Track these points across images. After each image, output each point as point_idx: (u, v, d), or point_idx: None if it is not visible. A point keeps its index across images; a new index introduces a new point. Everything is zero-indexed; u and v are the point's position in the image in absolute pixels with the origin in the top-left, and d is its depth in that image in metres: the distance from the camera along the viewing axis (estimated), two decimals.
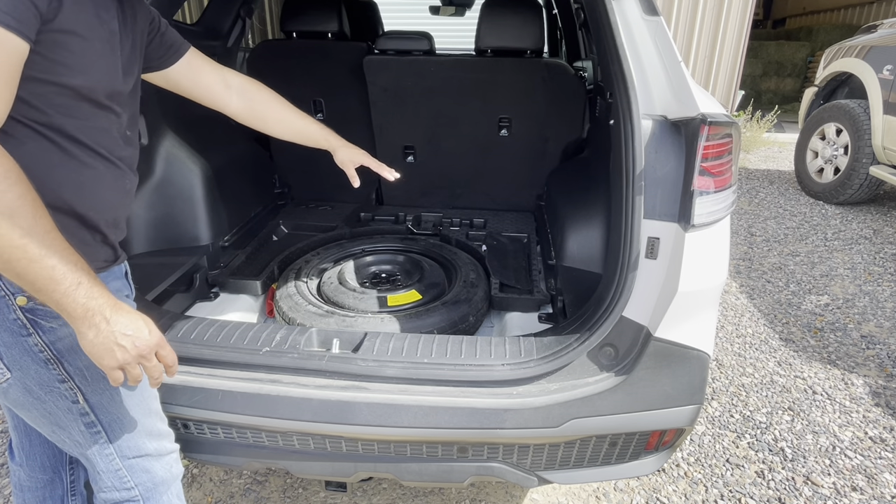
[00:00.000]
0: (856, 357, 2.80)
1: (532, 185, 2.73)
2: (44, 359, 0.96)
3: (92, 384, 1.02)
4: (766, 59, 10.79)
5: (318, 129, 1.54)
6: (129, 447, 1.11)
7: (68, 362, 0.98)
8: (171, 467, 1.21)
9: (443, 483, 1.47)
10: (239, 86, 1.38)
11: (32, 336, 0.94)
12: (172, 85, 1.30)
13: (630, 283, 1.30)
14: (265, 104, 1.43)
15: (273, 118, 1.45)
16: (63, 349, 0.97)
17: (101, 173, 0.99)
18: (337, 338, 1.44)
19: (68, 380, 0.99)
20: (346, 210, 2.74)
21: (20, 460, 1.30)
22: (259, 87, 1.42)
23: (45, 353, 0.95)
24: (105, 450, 1.09)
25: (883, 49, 4.56)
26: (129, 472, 1.13)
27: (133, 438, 1.12)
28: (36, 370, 0.96)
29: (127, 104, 1.04)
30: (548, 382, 1.32)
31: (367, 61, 2.48)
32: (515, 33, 2.36)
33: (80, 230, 0.97)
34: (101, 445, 1.09)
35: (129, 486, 1.14)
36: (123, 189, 1.06)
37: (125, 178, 1.06)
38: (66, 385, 1.00)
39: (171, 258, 1.90)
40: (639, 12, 1.35)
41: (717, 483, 2.03)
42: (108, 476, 1.12)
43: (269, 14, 5.62)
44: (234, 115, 1.40)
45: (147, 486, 1.16)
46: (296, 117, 1.48)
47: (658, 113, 1.30)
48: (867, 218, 4.75)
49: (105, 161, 0.99)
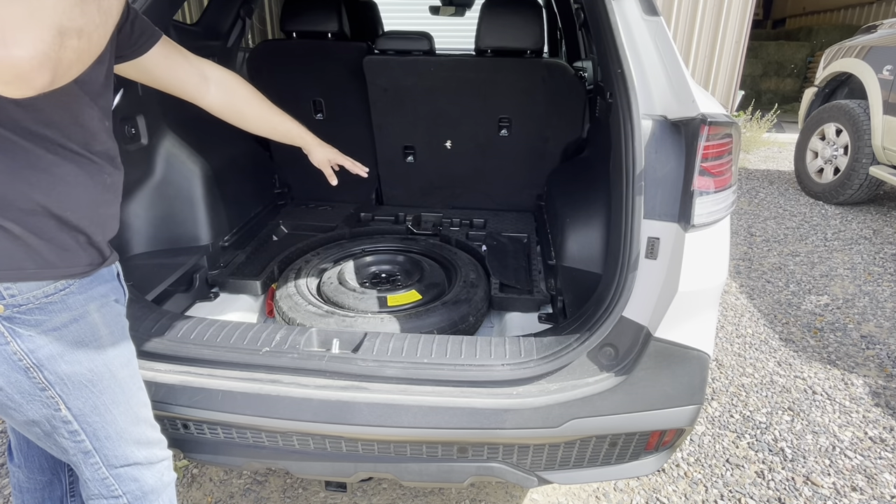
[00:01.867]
0: (856, 357, 2.80)
1: (532, 185, 2.73)
2: (23, 367, 0.93)
3: (74, 392, 0.99)
4: (766, 59, 10.79)
5: (295, 126, 1.53)
6: (115, 456, 1.09)
7: (48, 370, 0.95)
8: (162, 475, 1.18)
9: (443, 483, 1.47)
10: (218, 78, 1.34)
11: (11, 344, 0.91)
12: (146, 75, 1.24)
13: (630, 284, 1.30)
14: (244, 99, 1.40)
15: (251, 114, 1.42)
16: (43, 357, 0.94)
17: (74, 170, 0.92)
18: (337, 338, 1.44)
19: (48, 388, 0.97)
20: (346, 210, 2.74)
21: (19, 462, 1.29)
22: (239, 82, 1.39)
23: (24, 361, 0.93)
24: (90, 458, 1.07)
25: (883, 49, 4.56)
26: (116, 481, 1.11)
27: (120, 447, 1.09)
28: (16, 378, 0.94)
29: (100, 94, 0.97)
30: (548, 382, 1.32)
31: (367, 61, 2.48)
32: (515, 33, 2.36)
33: (59, 233, 0.92)
34: (85, 454, 1.06)
35: (116, 495, 1.12)
36: (103, 184, 0.99)
37: (103, 172, 0.99)
38: (47, 393, 0.97)
39: (171, 258, 1.90)
40: (639, 12, 1.35)
41: (716, 483, 2.03)
42: (94, 484, 1.10)
43: (269, 14, 5.62)
44: (210, 107, 1.36)
45: (136, 494, 1.13)
46: (273, 114, 1.46)
47: (658, 113, 1.30)
48: (867, 218, 4.75)
49: (78, 156, 0.93)
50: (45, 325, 0.92)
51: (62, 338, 0.95)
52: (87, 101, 0.92)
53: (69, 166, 0.92)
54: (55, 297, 0.92)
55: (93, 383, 1.00)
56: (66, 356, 0.96)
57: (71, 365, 0.96)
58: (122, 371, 1.06)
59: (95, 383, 1.01)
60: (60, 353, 0.95)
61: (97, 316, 1.00)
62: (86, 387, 0.99)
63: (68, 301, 0.94)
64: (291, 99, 2.66)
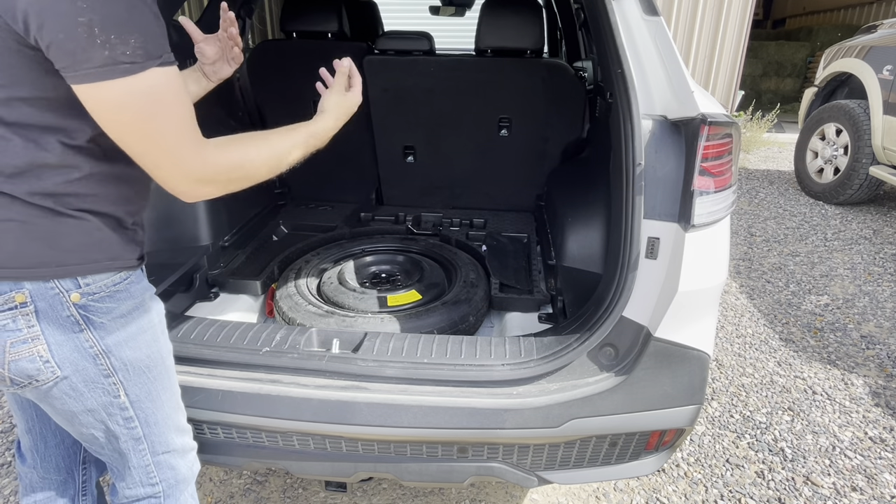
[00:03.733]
0: (856, 357, 2.80)
1: (532, 185, 2.73)
2: (93, 354, 0.98)
3: (133, 378, 1.05)
4: (766, 59, 10.79)
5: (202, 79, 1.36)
6: (159, 442, 1.14)
7: (115, 356, 1.01)
8: (193, 465, 1.23)
9: (443, 483, 1.47)
10: None
11: (84, 332, 0.96)
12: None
13: (630, 283, 1.30)
14: None
15: None
16: (111, 343, 1.00)
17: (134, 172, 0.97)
18: (337, 338, 1.44)
19: (112, 374, 1.02)
20: (346, 210, 2.74)
21: (32, 463, 1.28)
22: None
23: (94, 347, 0.98)
24: (139, 445, 1.11)
25: (883, 49, 4.56)
26: (156, 468, 1.15)
27: (164, 434, 1.14)
28: (84, 366, 0.98)
29: None
30: (548, 382, 1.32)
31: (367, 61, 2.48)
32: (515, 33, 2.36)
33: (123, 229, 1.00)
34: (136, 441, 1.11)
35: (154, 482, 1.16)
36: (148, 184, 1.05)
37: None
38: (111, 380, 1.02)
39: (171, 258, 1.90)
40: (639, 12, 1.35)
41: (716, 483, 2.03)
42: (137, 471, 1.14)
43: (269, 14, 5.62)
44: None
45: (170, 482, 1.18)
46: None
47: (658, 113, 1.30)
48: (867, 218, 4.75)
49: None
50: (114, 311, 0.99)
51: (128, 324, 1.01)
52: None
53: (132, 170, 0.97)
54: (121, 285, 0.99)
55: (149, 369, 1.07)
56: (130, 342, 1.02)
57: (134, 350, 1.03)
58: (169, 358, 1.13)
59: (151, 369, 1.07)
60: (126, 339, 1.01)
61: (151, 304, 1.07)
62: (144, 373, 1.05)
63: (131, 290, 1.01)
64: (291, 99, 2.66)
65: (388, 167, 2.82)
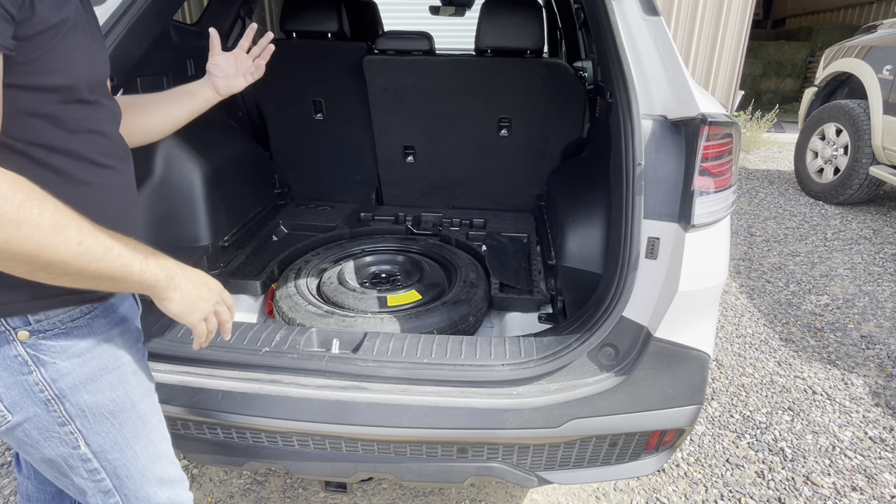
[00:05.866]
0: (856, 357, 2.80)
1: (532, 185, 2.73)
2: (44, 399, 0.88)
3: (94, 426, 0.93)
4: (766, 59, 10.79)
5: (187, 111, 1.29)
6: (136, 497, 1.02)
7: (69, 401, 0.90)
8: None
9: (443, 483, 1.47)
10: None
11: (34, 374, 0.86)
12: None
13: (630, 284, 1.30)
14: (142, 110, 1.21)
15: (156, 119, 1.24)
16: (65, 387, 0.89)
17: (105, 185, 0.89)
18: (337, 338, 1.44)
19: (69, 422, 0.91)
20: (346, 210, 2.74)
21: (28, 472, 1.26)
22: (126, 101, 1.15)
23: (45, 392, 0.88)
24: (110, 499, 1.00)
25: (883, 49, 4.56)
26: None
27: (141, 487, 1.01)
28: (35, 412, 0.88)
29: (107, 92, 0.93)
30: (548, 383, 1.32)
31: (367, 61, 2.48)
32: (515, 33, 2.36)
33: None
34: (105, 494, 0.99)
35: None
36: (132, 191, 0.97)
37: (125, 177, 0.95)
38: (66, 429, 0.91)
39: (171, 258, 1.90)
40: (639, 12, 1.35)
41: (716, 483, 2.03)
42: None
43: (269, 14, 5.62)
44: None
45: None
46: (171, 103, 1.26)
47: (658, 113, 1.30)
48: (867, 218, 4.75)
49: (106, 169, 0.89)
50: (69, 350, 0.88)
51: (86, 364, 0.90)
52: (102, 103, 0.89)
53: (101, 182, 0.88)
54: (80, 321, 0.89)
55: (114, 415, 0.95)
56: (88, 384, 0.91)
57: (93, 394, 0.92)
58: (143, 402, 1.01)
59: (116, 415, 0.95)
60: (83, 380, 0.90)
61: (120, 341, 0.96)
62: (107, 419, 0.94)
63: (93, 325, 0.91)
64: (291, 99, 2.67)
65: (387, 167, 2.83)
